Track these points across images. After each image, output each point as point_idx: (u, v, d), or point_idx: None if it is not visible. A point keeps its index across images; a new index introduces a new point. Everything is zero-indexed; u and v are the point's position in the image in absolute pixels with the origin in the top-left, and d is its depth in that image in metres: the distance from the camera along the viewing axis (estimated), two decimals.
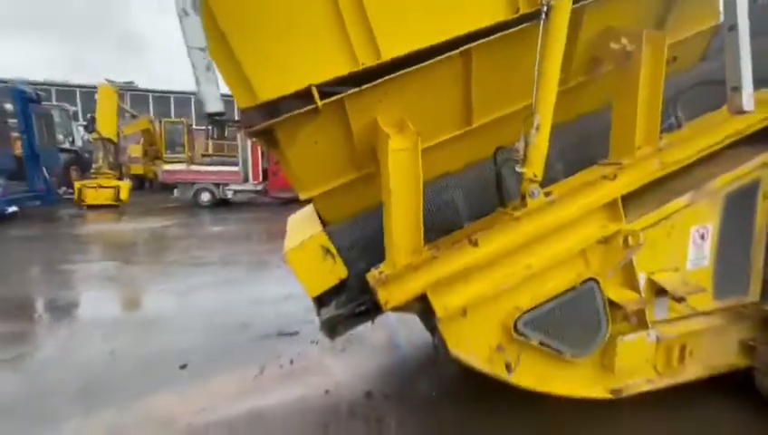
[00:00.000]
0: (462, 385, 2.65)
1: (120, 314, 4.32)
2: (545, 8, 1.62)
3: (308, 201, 2.07)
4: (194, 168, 13.36)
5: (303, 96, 1.58)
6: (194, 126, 19.38)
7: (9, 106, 11.04)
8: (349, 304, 1.90)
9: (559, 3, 1.59)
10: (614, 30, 1.85)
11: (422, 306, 1.76)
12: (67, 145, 16.09)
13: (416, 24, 1.60)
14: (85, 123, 16.74)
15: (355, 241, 1.92)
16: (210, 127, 18.81)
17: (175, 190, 12.82)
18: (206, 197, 12.78)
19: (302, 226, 2.17)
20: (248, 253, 6.49)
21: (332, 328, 1.94)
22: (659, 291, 2.09)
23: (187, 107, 26.87)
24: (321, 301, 1.96)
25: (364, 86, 1.59)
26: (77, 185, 12.55)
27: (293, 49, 1.52)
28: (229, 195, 12.76)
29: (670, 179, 2.14)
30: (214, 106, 1.26)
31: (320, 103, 1.52)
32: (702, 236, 2.15)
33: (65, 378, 2.75)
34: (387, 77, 1.60)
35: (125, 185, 12.93)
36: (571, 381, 2.00)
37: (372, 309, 1.89)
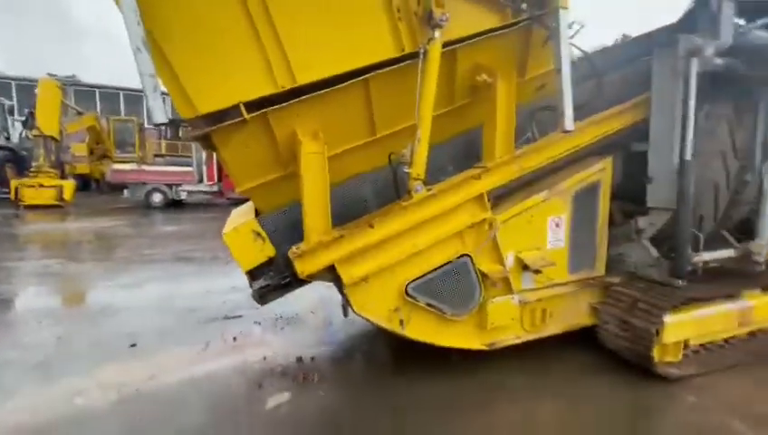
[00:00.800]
0: (380, 352, 3.17)
1: (67, 305, 4.45)
2: (422, 50, 2.18)
3: None
4: (145, 168, 13.11)
5: (237, 109, 2.03)
6: (145, 125, 18.79)
7: None
8: (276, 276, 2.37)
9: (432, 47, 2.16)
10: (480, 65, 2.45)
11: (332, 276, 2.25)
12: (2, 141, 15.15)
13: (324, 56, 2.10)
14: (23, 119, 15.77)
15: (281, 226, 2.38)
16: (163, 127, 18.40)
17: (125, 191, 12.53)
18: (158, 197, 12.60)
19: (240, 215, 2.61)
20: (200, 250, 6.68)
21: (262, 296, 2.40)
22: (524, 266, 2.72)
23: (138, 105, 25.81)
24: (253, 275, 2.41)
25: (284, 104, 2.06)
26: (13, 184, 11.94)
27: (227, 74, 1.97)
28: (183, 196, 12.66)
29: (534, 182, 2.79)
30: (160, 118, 1.68)
31: (247, 117, 1.98)
32: (557, 224, 2.81)
33: (17, 357, 2.98)
34: (302, 98, 2.08)
35: (69, 184, 12.46)
36: (454, 335, 2.57)
37: (294, 281, 2.37)
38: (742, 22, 2.68)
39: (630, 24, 7.72)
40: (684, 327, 2.68)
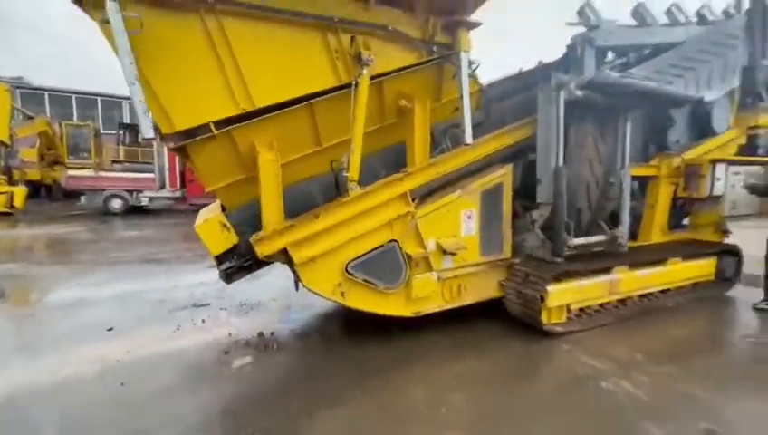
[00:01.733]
0: (333, 327, 3.77)
1: (39, 301, 4.67)
2: (355, 82, 2.83)
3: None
4: (104, 174, 13.00)
5: (207, 126, 2.59)
6: (102, 130, 18.34)
7: None
8: (239, 260, 2.92)
9: (362, 80, 2.81)
10: (402, 93, 3.15)
11: (286, 257, 2.84)
12: None
13: (277, 85, 2.71)
14: None
15: (244, 219, 2.93)
16: (122, 132, 18.04)
17: (81, 198, 12.34)
18: (117, 204, 12.53)
19: (209, 211, 3.14)
20: (166, 252, 6.97)
21: (228, 276, 2.95)
22: (443, 250, 3.42)
23: (93, 109, 24.95)
24: (220, 259, 2.95)
25: (245, 122, 2.65)
26: None
27: (199, 99, 2.53)
28: (144, 202, 12.65)
29: (452, 183, 3.51)
30: (148, 134, 2.22)
31: (215, 132, 2.55)
32: (469, 217, 3.54)
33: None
34: (259, 118, 2.68)
35: (20, 191, 12.14)
36: (388, 305, 3.22)
37: (255, 263, 2.93)
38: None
39: None
40: (564, 294, 3.48)
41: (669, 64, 3.88)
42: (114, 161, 17.22)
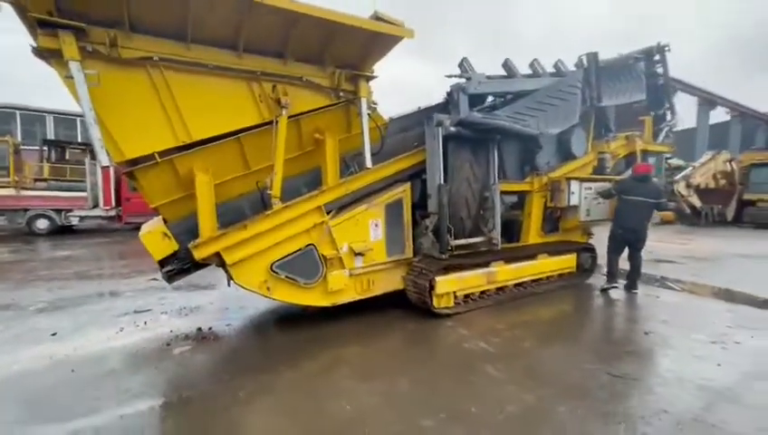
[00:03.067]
0: (265, 322, 4.42)
1: None
2: (276, 120, 3.62)
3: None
4: (27, 192, 12.33)
5: (152, 155, 3.22)
6: (21, 146, 17.16)
7: None
8: (179, 263, 3.53)
9: (281, 119, 3.61)
10: (317, 127, 3.99)
11: (219, 260, 3.50)
12: None
13: (211, 122, 3.42)
14: None
15: (183, 229, 3.55)
16: (46, 148, 17.04)
17: (1, 218, 11.65)
18: (43, 224, 12.02)
19: (151, 224, 3.71)
20: (102, 269, 7.10)
21: (170, 277, 3.56)
22: (356, 253, 4.26)
23: (9, 123, 23.10)
24: (162, 263, 3.53)
25: (183, 152, 3.32)
26: None
27: (145, 133, 3.17)
28: (74, 221, 12.23)
29: (362, 199, 4.37)
30: (105, 162, 2.82)
31: (159, 160, 3.20)
32: (376, 225, 4.42)
33: None
34: (195, 148, 3.36)
35: None
36: (308, 297, 3.97)
37: (193, 266, 3.56)
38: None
39: None
40: (450, 283, 4.47)
41: (526, 107, 5.13)
42: (37, 179, 16.20)
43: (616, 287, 5.59)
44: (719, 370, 3.14)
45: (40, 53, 2.77)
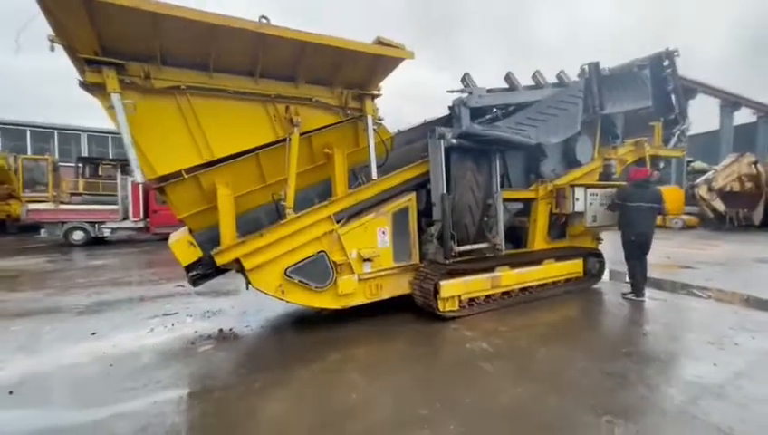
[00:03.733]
0: (283, 325, 4.74)
1: (19, 316, 5.29)
2: (289, 138, 3.98)
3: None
4: (64, 206, 13.24)
5: (180, 172, 3.62)
6: (59, 163, 18.38)
7: None
8: (203, 269, 3.91)
9: (293, 136, 3.96)
10: (326, 143, 4.33)
11: (239, 266, 3.85)
12: None
13: (231, 141, 3.81)
14: None
15: (206, 238, 3.93)
16: (81, 165, 18.20)
17: (41, 230, 12.56)
18: (78, 235, 12.84)
19: (178, 234, 4.12)
20: (133, 276, 7.63)
21: (195, 282, 3.94)
22: (364, 259, 4.54)
23: (47, 142, 24.71)
24: (188, 269, 3.92)
25: (207, 169, 3.71)
26: None
27: (173, 153, 3.57)
28: (106, 232, 13.01)
29: (370, 208, 4.66)
30: (140, 179, 3.23)
31: (186, 176, 3.60)
32: (384, 233, 4.70)
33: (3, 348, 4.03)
34: (218, 165, 3.75)
35: None
36: (320, 300, 4.27)
37: (215, 271, 3.93)
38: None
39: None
40: (454, 287, 4.69)
41: (526, 117, 5.33)
42: (72, 193, 17.31)
43: (643, 301, 5.39)
44: (713, 369, 3.24)
45: (86, 86, 3.22)
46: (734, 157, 15.92)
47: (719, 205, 15.24)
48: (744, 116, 24.50)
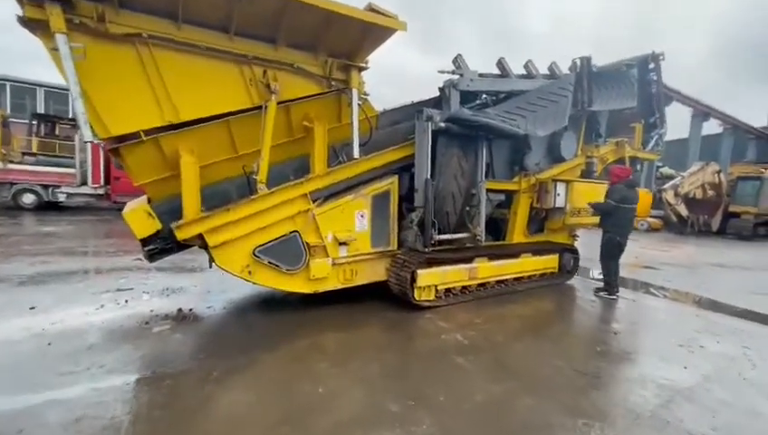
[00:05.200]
0: (246, 305, 4.45)
1: None
2: (265, 105, 3.62)
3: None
4: (14, 166, 12.15)
5: (138, 133, 3.21)
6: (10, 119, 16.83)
7: None
8: (161, 243, 3.54)
9: (270, 104, 3.61)
10: (306, 115, 4.00)
11: (202, 242, 3.51)
12: None
13: (199, 103, 3.41)
14: None
15: (167, 209, 3.55)
16: (36, 122, 16.75)
17: None
18: (29, 199, 11.86)
19: (135, 203, 3.71)
20: (87, 246, 7.06)
21: (151, 256, 3.56)
22: (340, 242, 4.29)
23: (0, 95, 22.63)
24: (144, 242, 3.54)
25: (170, 132, 3.32)
26: None
27: (131, 111, 3.16)
28: (61, 198, 12.08)
29: (349, 189, 4.39)
30: (88, 137, 2.81)
31: (144, 138, 3.19)
32: (362, 216, 4.45)
33: None
34: (182, 129, 3.36)
35: None
36: (291, 283, 4.00)
37: (175, 246, 3.57)
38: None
39: None
40: (431, 277, 4.53)
41: (516, 107, 5.16)
42: (25, 153, 15.94)
43: (615, 299, 5.45)
44: (683, 372, 3.25)
45: (26, 22, 2.74)
46: (700, 165, 16.59)
47: (683, 210, 15.91)
48: (711, 127, 25.58)
